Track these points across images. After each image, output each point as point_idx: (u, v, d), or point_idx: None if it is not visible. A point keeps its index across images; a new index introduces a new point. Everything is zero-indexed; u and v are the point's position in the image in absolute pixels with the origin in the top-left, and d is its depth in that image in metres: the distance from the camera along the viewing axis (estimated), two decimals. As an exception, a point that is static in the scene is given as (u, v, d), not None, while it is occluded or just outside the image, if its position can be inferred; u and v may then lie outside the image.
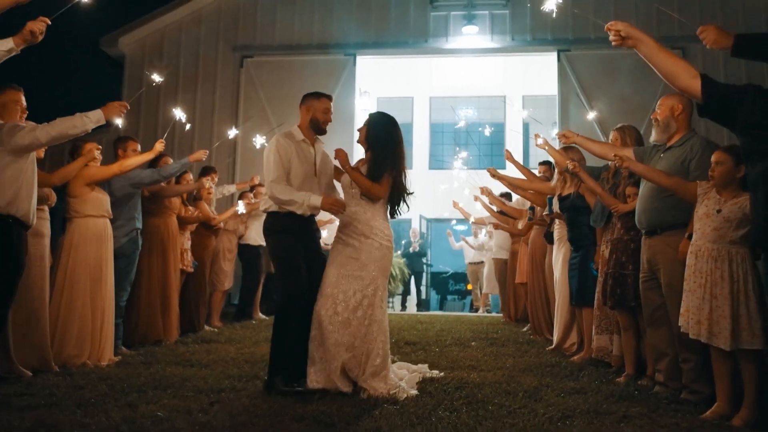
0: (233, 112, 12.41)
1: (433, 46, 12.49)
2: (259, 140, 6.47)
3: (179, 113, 5.95)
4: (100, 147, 4.94)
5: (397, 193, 4.07)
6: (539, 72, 13.48)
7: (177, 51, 12.81)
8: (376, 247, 3.90)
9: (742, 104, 2.43)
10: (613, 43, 2.79)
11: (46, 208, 4.40)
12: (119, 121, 4.44)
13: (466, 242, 12.26)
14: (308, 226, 4.01)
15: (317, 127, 4.09)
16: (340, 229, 4.02)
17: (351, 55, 12.42)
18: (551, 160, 5.89)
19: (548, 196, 5.66)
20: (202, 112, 12.35)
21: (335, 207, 3.83)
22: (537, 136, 5.36)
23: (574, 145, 4.73)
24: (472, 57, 12.98)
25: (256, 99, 12.37)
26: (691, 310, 3.21)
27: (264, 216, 4.06)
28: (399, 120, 4.19)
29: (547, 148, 5.14)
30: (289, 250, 3.88)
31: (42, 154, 4.25)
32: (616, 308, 4.31)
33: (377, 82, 14.74)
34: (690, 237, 3.40)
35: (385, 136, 4.02)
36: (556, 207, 5.43)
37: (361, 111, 13.87)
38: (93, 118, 4.01)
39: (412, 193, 4.21)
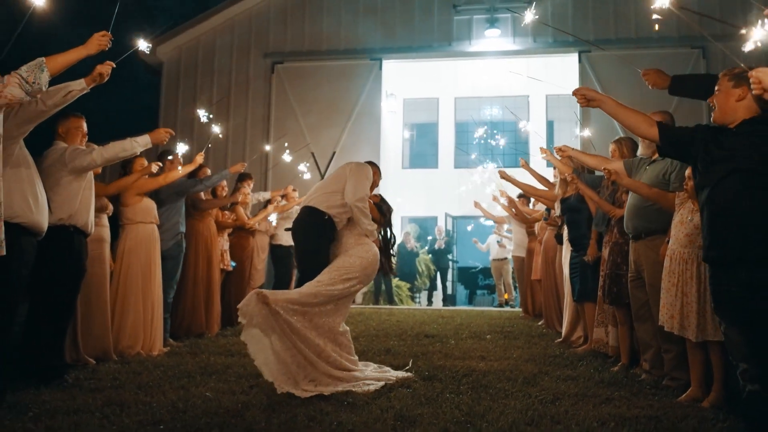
0: (265, 116, 12.98)
1: (457, 49, 12.90)
2: (287, 157, 7.02)
3: (216, 128, 6.53)
4: (160, 164, 5.54)
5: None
6: (562, 72, 13.78)
7: (211, 58, 13.45)
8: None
9: (692, 144, 2.87)
10: (580, 105, 3.24)
11: (105, 216, 5.02)
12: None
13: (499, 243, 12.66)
14: None
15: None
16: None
17: (377, 60, 12.90)
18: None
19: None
20: (236, 117, 12.96)
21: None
22: (541, 149, 5.81)
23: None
24: (495, 59, 13.35)
25: (286, 103, 12.93)
26: (666, 306, 3.66)
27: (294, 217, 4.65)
28: (425, 120, 4.82)
29: (549, 158, 5.58)
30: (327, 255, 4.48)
31: (99, 171, 4.86)
32: (613, 305, 4.76)
33: (403, 84, 15.21)
34: (669, 241, 3.83)
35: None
36: (557, 210, 5.89)
37: (388, 113, 14.39)
38: (141, 143, 4.61)
39: None
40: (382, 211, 4.74)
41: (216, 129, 6.51)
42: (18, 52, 3.49)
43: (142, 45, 4.11)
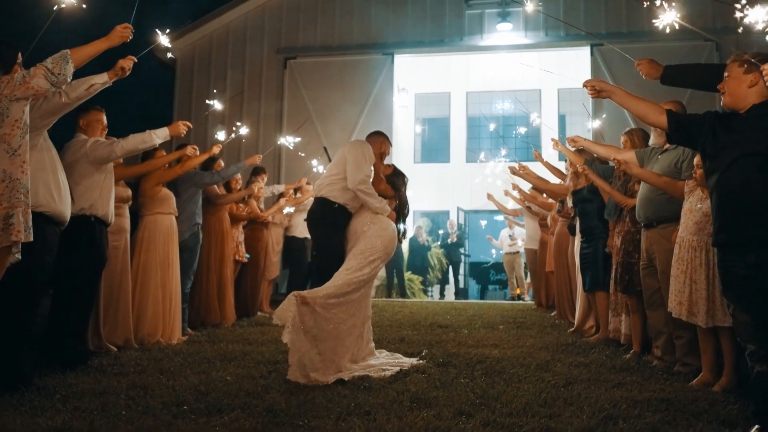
0: (278, 111, 13.08)
1: (469, 43, 12.92)
2: (291, 140, 7.14)
3: (243, 130, 6.69)
4: (196, 147, 5.70)
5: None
6: (575, 65, 13.77)
7: (225, 54, 13.57)
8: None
9: (700, 132, 2.92)
10: (590, 96, 3.32)
11: (126, 206, 5.13)
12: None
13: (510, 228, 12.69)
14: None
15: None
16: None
17: (389, 54, 12.95)
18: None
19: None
20: (249, 112, 13.07)
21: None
22: (554, 140, 5.85)
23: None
24: (507, 53, 13.37)
25: (299, 98, 13.02)
26: (674, 292, 3.71)
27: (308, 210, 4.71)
28: (436, 114, 4.83)
29: (561, 149, 5.63)
30: (338, 244, 4.52)
31: (120, 161, 4.98)
32: (625, 293, 4.81)
33: (415, 78, 15.26)
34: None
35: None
36: (569, 202, 5.94)
37: (400, 107, 14.46)
38: (160, 135, 4.73)
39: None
40: (395, 185, 4.74)
41: (243, 131, 6.65)
42: (38, 51, 3.58)
43: (163, 40, 4.20)
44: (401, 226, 4.75)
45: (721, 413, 2.98)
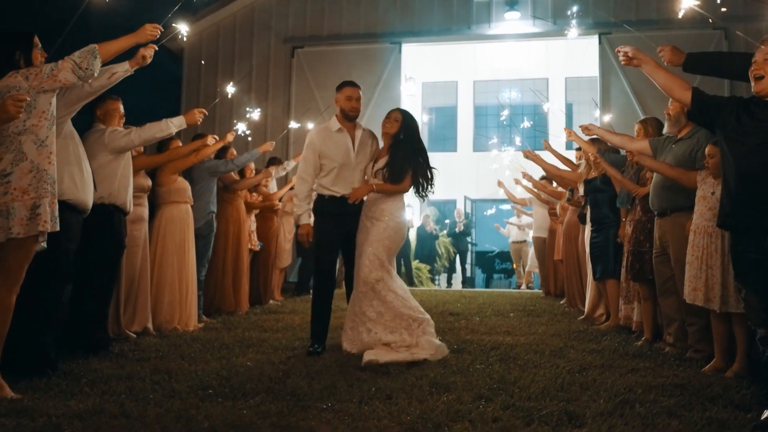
0: (286, 100, 13.09)
1: (476, 32, 12.86)
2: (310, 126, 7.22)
3: (255, 114, 6.75)
4: (216, 137, 5.81)
5: (419, 182, 4.53)
6: (582, 54, 13.76)
7: (232, 44, 13.56)
8: (383, 228, 4.38)
9: (722, 114, 2.96)
10: (622, 63, 3.35)
11: (144, 196, 5.20)
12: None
13: (510, 222, 12.76)
14: (346, 209, 4.45)
15: (346, 115, 4.56)
16: (363, 211, 4.51)
17: (396, 44, 12.92)
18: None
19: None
20: (257, 101, 13.08)
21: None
22: (566, 129, 5.88)
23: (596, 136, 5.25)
24: (515, 42, 13.35)
25: (307, 88, 13.02)
26: (690, 279, 3.77)
27: None
28: (443, 104, 4.80)
29: (574, 138, 5.67)
30: (324, 230, 4.50)
31: (142, 150, 5.06)
32: (636, 281, 4.87)
33: (422, 67, 15.23)
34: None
35: (415, 140, 4.52)
36: (581, 191, 5.99)
37: (407, 96, 14.46)
38: (176, 123, 4.79)
39: (432, 182, 4.67)
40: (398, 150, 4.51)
41: (255, 114, 6.72)
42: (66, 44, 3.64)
43: (183, 29, 4.26)
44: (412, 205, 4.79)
45: (735, 398, 3.05)
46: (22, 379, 3.30)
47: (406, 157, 4.42)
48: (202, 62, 13.41)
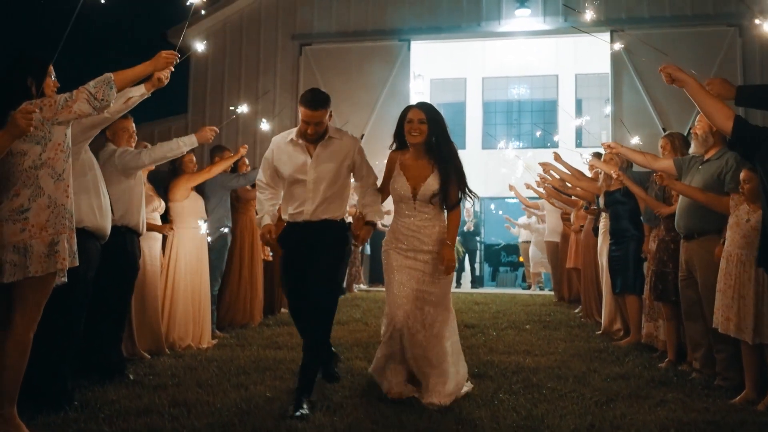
0: (294, 99, 12.95)
1: (486, 29, 12.70)
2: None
3: (265, 125, 6.63)
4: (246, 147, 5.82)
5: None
6: (592, 50, 13.58)
7: (239, 41, 13.42)
8: (437, 265, 3.70)
9: (759, 148, 2.86)
10: (665, 82, 3.21)
11: (157, 214, 5.12)
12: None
13: (518, 224, 12.69)
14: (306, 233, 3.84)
15: (303, 135, 3.80)
16: (400, 239, 3.75)
17: (406, 41, 12.76)
18: (601, 150, 6.32)
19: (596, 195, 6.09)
20: (264, 100, 12.96)
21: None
22: (604, 144, 5.59)
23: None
24: (525, 39, 13.18)
25: (315, 85, 12.82)
26: (722, 308, 3.68)
27: None
28: (452, 100, 4.52)
29: (594, 162, 5.55)
30: (283, 261, 4.11)
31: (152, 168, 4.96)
32: (659, 301, 4.78)
33: (430, 64, 15.07)
34: (724, 242, 3.83)
35: (448, 140, 3.76)
36: (602, 203, 5.89)
37: (415, 94, 14.31)
38: (187, 143, 4.70)
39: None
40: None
41: (265, 126, 6.61)
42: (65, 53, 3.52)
43: (198, 47, 4.15)
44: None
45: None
46: (38, 414, 3.24)
47: (457, 170, 3.74)
48: (208, 60, 13.27)
